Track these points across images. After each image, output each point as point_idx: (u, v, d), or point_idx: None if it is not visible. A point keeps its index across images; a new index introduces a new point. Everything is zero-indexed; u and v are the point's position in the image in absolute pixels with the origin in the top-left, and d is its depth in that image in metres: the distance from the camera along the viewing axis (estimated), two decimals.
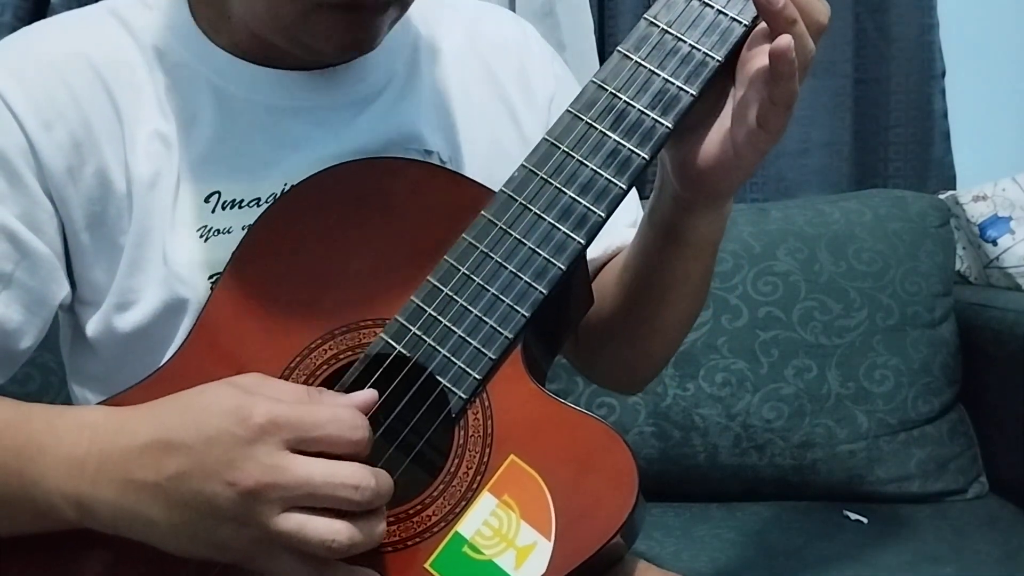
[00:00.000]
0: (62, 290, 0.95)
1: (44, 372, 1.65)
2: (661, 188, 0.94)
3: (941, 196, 2.00)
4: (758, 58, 0.84)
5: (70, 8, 1.11)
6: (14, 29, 1.02)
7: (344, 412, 0.77)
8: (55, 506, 0.80)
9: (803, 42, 0.82)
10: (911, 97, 2.15)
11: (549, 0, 1.96)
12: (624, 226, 1.07)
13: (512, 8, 1.96)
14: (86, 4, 1.01)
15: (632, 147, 0.85)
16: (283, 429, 0.75)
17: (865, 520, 1.67)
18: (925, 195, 1.94)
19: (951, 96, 2.16)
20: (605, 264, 1.08)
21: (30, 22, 1.35)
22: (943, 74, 2.15)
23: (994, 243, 1.97)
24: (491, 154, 1.03)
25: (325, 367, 0.86)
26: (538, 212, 0.85)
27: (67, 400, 1.06)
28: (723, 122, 0.87)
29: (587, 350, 1.08)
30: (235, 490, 0.74)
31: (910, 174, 2.15)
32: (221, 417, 0.75)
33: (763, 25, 0.84)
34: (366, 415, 0.79)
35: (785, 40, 0.80)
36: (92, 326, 0.97)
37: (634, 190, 0.91)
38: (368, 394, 0.80)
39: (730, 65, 0.86)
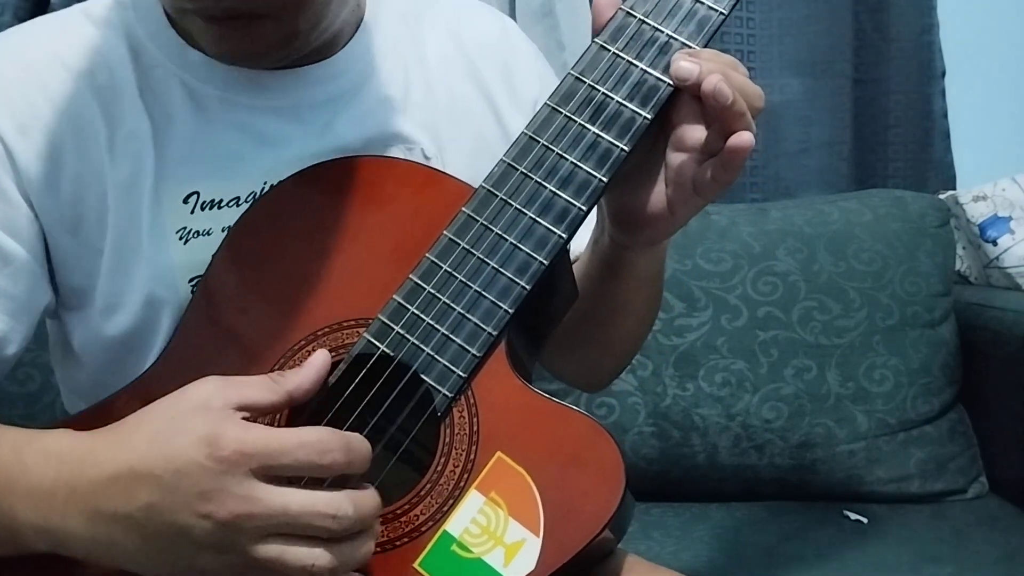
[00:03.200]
0: (45, 296, 0.94)
1: (44, 372, 1.65)
2: (600, 224, 0.96)
3: (941, 196, 1.99)
4: (693, 128, 0.86)
5: None
6: None
7: (310, 435, 0.75)
8: (26, 537, 0.79)
9: (751, 129, 0.84)
10: (911, 97, 2.15)
11: (549, 0, 1.96)
12: (584, 230, 1.07)
13: (512, 8, 1.96)
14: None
15: (611, 139, 0.85)
16: (251, 459, 0.73)
17: (865, 520, 1.67)
18: (925, 195, 1.94)
19: (951, 96, 2.16)
20: None
21: None
22: (943, 74, 2.15)
23: (994, 243, 1.97)
24: (476, 151, 1.03)
25: None
26: (519, 207, 0.85)
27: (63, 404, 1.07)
28: (658, 180, 0.89)
29: (547, 349, 1.08)
30: (210, 522, 0.73)
31: (910, 174, 2.15)
32: (189, 447, 0.73)
33: (688, 89, 0.85)
34: (339, 396, 0.79)
35: (747, 138, 0.82)
36: (78, 333, 0.96)
37: None
38: (317, 361, 0.80)
39: (658, 120, 0.87)
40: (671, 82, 0.85)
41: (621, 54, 0.86)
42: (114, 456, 0.76)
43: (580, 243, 1.02)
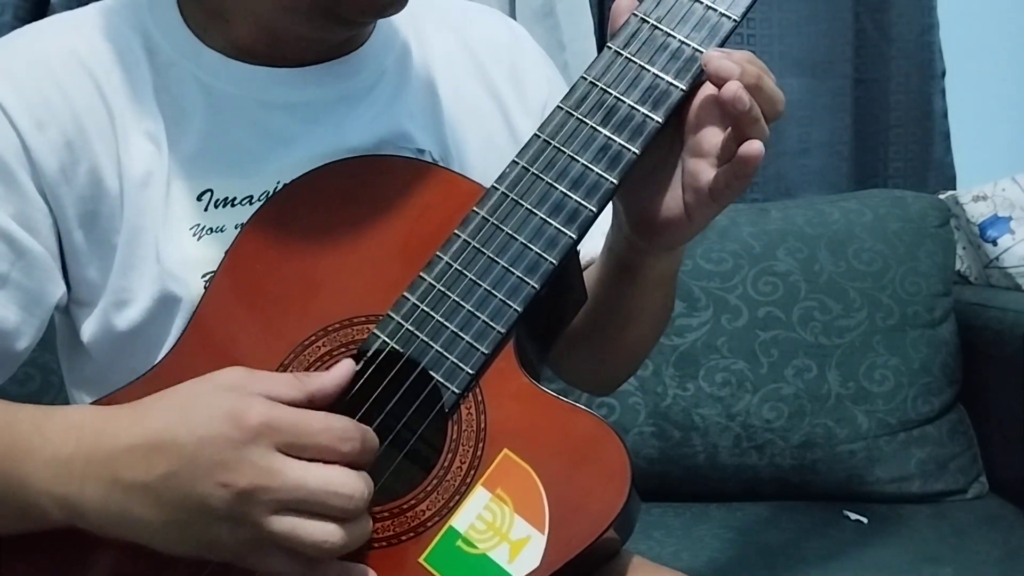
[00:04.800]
0: (58, 289, 0.95)
1: (44, 372, 1.65)
2: (617, 228, 0.96)
3: (941, 196, 2.00)
4: (711, 133, 0.86)
5: (70, 8, 1.10)
6: (14, 29, 1.01)
7: (337, 422, 0.77)
8: (42, 507, 0.79)
9: (763, 136, 0.84)
10: (911, 97, 2.15)
11: (549, 0, 1.96)
12: (599, 234, 1.07)
13: (512, 8, 1.96)
14: (87, 4, 1.01)
15: (623, 142, 0.85)
16: (277, 432, 0.75)
17: (865, 520, 1.67)
18: (925, 195, 1.95)
19: (951, 96, 2.16)
20: None
21: (30, 23, 1.35)
22: (943, 74, 2.15)
23: (994, 243, 1.97)
24: (485, 152, 1.03)
25: (319, 364, 0.86)
26: (530, 207, 0.85)
27: (66, 402, 1.06)
28: (674, 184, 0.89)
29: (555, 352, 1.09)
30: (228, 491, 0.74)
31: (910, 174, 2.15)
32: (215, 418, 0.75)
33: (710, 92, 0.86)
34: (347, 393, 0.81)
35: (757, 147, 0.82)
36: (88, 327, 0.97)
37: None
38: (342, 369, 0.82)
39: (673, 124, 0.87)
40: (683, 87, 0.86)
41: (633, 59, 0.87)
42: (135, 426, 0.78)
43: (594, 248, 1.03)
